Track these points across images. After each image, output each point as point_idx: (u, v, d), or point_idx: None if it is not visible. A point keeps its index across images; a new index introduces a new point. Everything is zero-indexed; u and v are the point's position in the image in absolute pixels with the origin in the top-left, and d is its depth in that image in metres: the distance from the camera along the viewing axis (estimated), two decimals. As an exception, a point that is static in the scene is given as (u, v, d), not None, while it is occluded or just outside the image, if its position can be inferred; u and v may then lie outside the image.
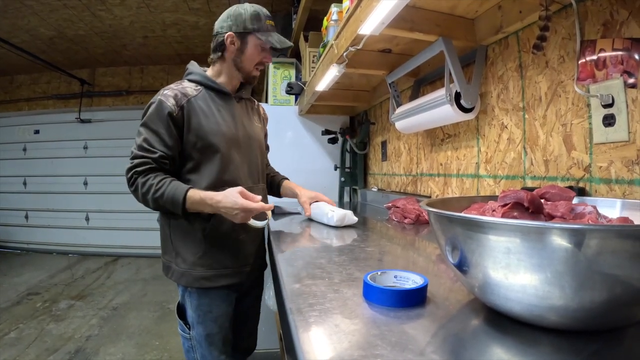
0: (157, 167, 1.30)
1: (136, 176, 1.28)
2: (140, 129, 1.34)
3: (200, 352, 1.40)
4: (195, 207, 1.27)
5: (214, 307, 1.39)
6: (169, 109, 1.31)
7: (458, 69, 1.30)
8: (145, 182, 1.27)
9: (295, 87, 2.57)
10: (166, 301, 3.77)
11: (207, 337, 1.39)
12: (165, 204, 1.26)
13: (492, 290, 0.54)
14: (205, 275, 1.37)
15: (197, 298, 1.38)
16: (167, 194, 1.25)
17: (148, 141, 1.30)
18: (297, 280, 0.80)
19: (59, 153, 5.90)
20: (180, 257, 1.38)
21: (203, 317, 1.38)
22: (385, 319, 0.60)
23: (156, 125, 1.31)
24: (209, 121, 1.37)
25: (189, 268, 1.37)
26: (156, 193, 1.25)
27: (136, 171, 1.28)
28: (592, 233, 0.44)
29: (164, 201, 1.26)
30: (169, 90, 1.36)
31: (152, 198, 1.26)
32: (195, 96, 1.38)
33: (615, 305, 0.47)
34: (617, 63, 0.88)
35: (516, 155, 1.23)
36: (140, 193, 1.28)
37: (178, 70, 5.90)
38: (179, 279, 1.38)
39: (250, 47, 1.42)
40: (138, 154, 1.30)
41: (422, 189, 1.94)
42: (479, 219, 0.51)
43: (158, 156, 1.29)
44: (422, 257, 1.07)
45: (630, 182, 0.86)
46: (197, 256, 1.36)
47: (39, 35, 4.59)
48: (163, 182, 1.27)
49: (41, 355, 2.64)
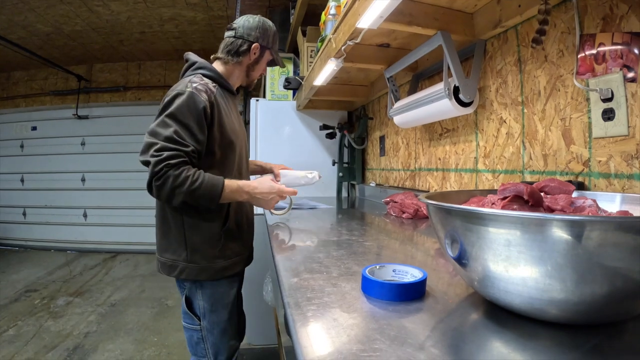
0: (189, 161, 1.27)
1: (167, 169, 1.22)
2: (165, 120, 1.28)
3: (211, 341, 1.43)
4: (230, 196, 1.31)
5: (225, 294, 1.45)
6: (203, 104, 1.30)
7: (457, 63, 1.29)
8: (179, 175, 1.22)
9: (293, 82, 2.56)
10: (164, 297, 3.77)
11: (219, 324, 1.43)
12: (201, 196, 1.25)
13: (492, 284, 0.54)
14: (225, 266, 1.42)
15: (210, 287, 1.42)
16: (204, 185, 1.25)
17: (179, 134, 1.26)
18: (295, 275, 0.79)
19: (56, 150, 5.88)
20: (199, 254, 1.38)
21: (216, 306, 1.43)
22: (384, 313, 0.59)
23: (187, 118, 1.28)
24: (228, 119, 1.42)
25: (209, 263, 1.39)
26: (192, 185, 1.23)
27: (169, 164, 1.22)
28: (593, 225, 0.44)
29: (200, 193, 1.24)
30: (198, 84, 1.34)
31: (188, 191, 1.23)
32: (216, 94, 1.39)
33: (616, 298, 0.47)
34: (617, 57, 0.87)
35: (515, 150, 1.23)
36: (170, 187, 1.22)
37: (176, 66, 5.88)
38: (198, 275, 1.38)
39: (264, 60, 1.56)
40: (168, 145, 1.24)
41: (421, 184, 1.94)
42: (479, 210, 0.51)
43: (190, 150, 1.27)
44: (421, 251, 1.07)
45: (630, 177, 0.86)
46: (217, 249, 1.40)
47: (36, 31, 4.56)
48: (199, 175, 1.25)
49: (39, 352, 2.64)
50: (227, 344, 1.45)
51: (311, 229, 1.44)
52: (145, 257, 5.40)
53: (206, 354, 1.45)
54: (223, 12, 4.02)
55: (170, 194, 1.24)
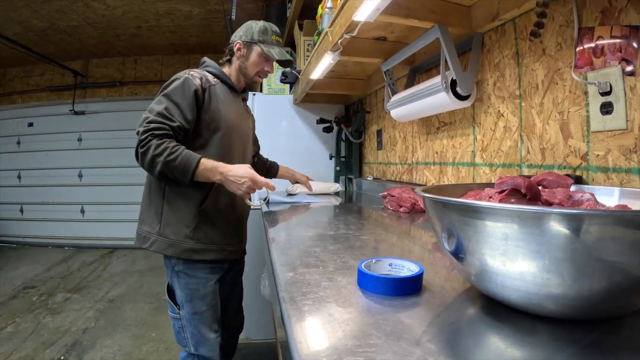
0: (173, 135, 1.35)
1: (151, 138, 1.31)
2: (160, 98, 1.39)
3: (189, 331, 1.46)
4: (205, 174, 1.34)
5: (200, 285, 1.46)
6: (195, 87, 1.40)
7: (454, 56, 1.28)
8: (160, 144, 1.30)
9: (290, 75, 2.55)
10: (162, 292, 3.75)
11: (195, 315, 1.45)
12: (176, 168, 1.30)
13: (489, 278, 0.53)
14: (194, 248, 1.43)
15: (184, 277, 1.45)
16: (180, 158, 1.30)
17: (169, 110, 1.36)
18: (291, 269, 0.79)
19: (53, 146, 5.85)
20: (170, 228, 1.43)
21: (191, 296, 1.45)
22: (380, 307, 0.59)
23: (179, 98, 1.38)
24: (225, 107, 1.50)
25: (178, 239, 1.42)
26: (170, 156, 1.29)
27: (153, 133, 1.31)
28: (592, 219, 0.43)
29: (175, 164, 1.30)
30: (194, 72, 1.47)
31: (165, 160, 1.29)
32: (215, 85, 1.51)
33: (614, 293, 0.46)
34: (615, 51, 0.86)
35: (512, 144, 1.22)
36: (151, 155, 1.29)
37: (172, 61, 5.85)
38: (165, 249, 1.42)
39: (253, 55, 1.59)
40: (156, 119, 1.34)
41: (418, 178, 1.93)
42: (477, 204, 0.50)
43: (176, 126, 1.35)
44: (418, 245, 1.06)
45: (628, 171, 0.86)
46: (189, 229, 1.43)
47: (32, 27, 4.53)
48: (178, 148, 1.32)
49: (38, 348, 2.63)
50: (207, 336, 1.46)
51: (308, 222, 1.43)
52: (143, 252, 5.38)
53: (187, 343, 1.48)
54: (219, 6, 3.99)
55: (150, 162, 1.31)
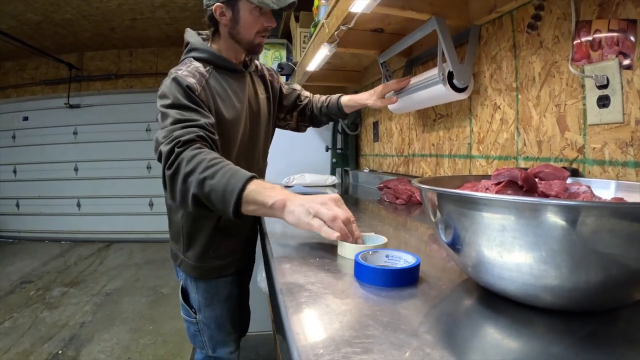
0: (205, 136, 1.00)
1: (179, 150, 0.94)
2: (167, 111, 1.04)
3: (208, 334, 1.39)
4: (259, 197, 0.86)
5: (220, 290, 1.38)
6: (187, 83, 1.08)
7: (451, 48, 1.28)
8: (192, 158, 0.92)
9: (286, 67, 2.54)
10: (159, 285, 3.77)
11: (216, 320, 1.38)
12: (213, 188, 0.88)
13: (486, 269, 0.53)
14: (219, 265, 1.34)
15: (203, 284, 1.35)
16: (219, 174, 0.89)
17: (182, 115, 1.03)
18: (288, 261, 0.79)
19: (48, 139, 5.82)
20: (192, 250, 1.30)
21: (210, 300, 1.36)
22: (377, 298, 0.59)
23: (183, 101, 1.06)
24: (226, 105, 1.21)
25: (204, 263, 1.32)
26: (204, 172, 0.89)
27: (180, 141, 0.94)
28: (589, 210, 0.43)
29: (212, 183, 0.88)
30: (182, 71, 1.14)
31: (198, 178, 0.89)
32: (208, 78, 1.19)
33: (611, 285, 0.47)
34: (613, 44, 0.86)
35: (509, 136, 1.22)
36: (183, 173, 0.91)
37: (168, 53, 5.81)
38: (192, 272, 1.32)
39: (243, 14, 1.19)
40: (173, 127, 0.99)
41: (414, 170, 1.94)
42: (474, 195, 0.50)
43: (203, 122, 1.02)
44: (414, 237, 1.07)
45: (624, 164, 0.86)
46: (211, 249, 1.31)
47: (26, 20, 4.49)
48: (219, 161, 0.92)
49: (36, 343, 2.64)
50: (225, 338, 1.41)
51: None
52: (140, 245, 5.39)
53: (204, 346, 1.41)
54: (215, -2, 3.95)
55: (182, 185, 0.92)
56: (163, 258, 4.74)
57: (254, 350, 2.43)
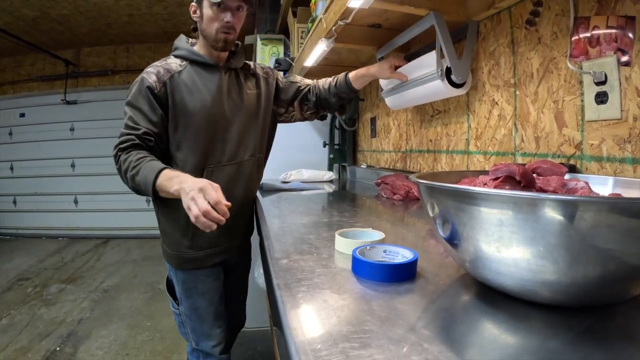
0: (142, 144, 1.24)
1: (120, 153, 1.22)
2: (125, 109, 1.29)
3: (190, 326, 1.43)
4: (164, 185, 1.11)
5: (199, 282, 1.41)
6: (148, 84, 1.27)
7: (449, 44, 1.27)
8: (126, 159, 1.20)
9: (284, 63, 2.53)
10: (157, 282, 3.77)
11: (195, 311, 1.41)
12: (139, 183, 1.16)
13: (483, 265, 0.53)
14: (196, 257, 1.37)
15: (181, 274, 1.40)
16: (142, 169, 1.15)
17: (132, 119, 1.26)
18: (285, 256, 0.79)
19: (45, 136, 5.80)
20: (169, 239, 1.39)
21: (189, 292, 1.41)
22: (374, 294, 0.59)
23: (139, 102, 1.27)
24: (193, 98, 1.32)
25: (178, 251, 1.37)
26: (132, 170, 1.16)
27: (120, 148, 1.22)
28: (587, 206, 0.43)
29: (138, 179, 1.16)
30: (152, 67, 1.33)
31: (129, 176, 1.18)
32: (180, 72, 1.33)
33: (608, 281, 0.47)
34: (611, 41, 0.86)
35: (507, 132, 1.22)
36: (122, 171, 1.21)
37: (165, 49, 5.78)
38: (170, 260, 1.40)
39: (206, 10, 1.31)
40: (124, 132, 1.25)
41: (412, 166, 1.93)
42: (472, 190, 0.50)
43: (142, 132, 1.24)
44: (412, 232, 1.07)
45: (622, 160, 0.86)
46: (186, 238, 1.36)
47: (22, 16, 4.46)
48: (143, 159, 1.18)
49: (34, 340, 2.63)
50: (208, 331, 1.43)
51: (301, 210, 1.42)
52: (137, 242, 5.38)
53: (188, 338, 1.46)
54: (212, -7, 3.93)
55: (124, 180, 1.22)
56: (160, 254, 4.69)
57: (252, 346, 2.43)
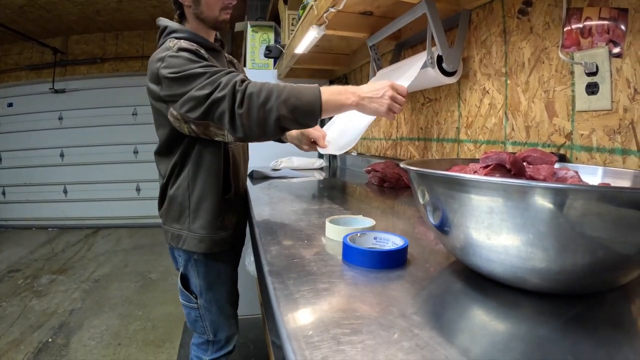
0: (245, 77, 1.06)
1: (242, 88, 1.00)
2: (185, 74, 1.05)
3: (209, 319, 1.39)
4: (334, 100, 1.02)
5: (222, 271, 1.39)
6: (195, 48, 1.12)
7: (441, 32, 1.27)
8: (261, 89, 1.00)
9: (274, 50, 2.51)
10: (148, 271, 3.76)
11: (217, 302, 1.38)
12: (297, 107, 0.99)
13: (473, 252, 0.54)
14: (225, 237, 1.33)
15: (204, 265, 1.34)
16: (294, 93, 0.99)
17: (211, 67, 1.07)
18: (276, 243, 0.79)
19: (34, 125, 5.70)
20: (200, 220, 1.28)
21: (213, 283, 1.36)
22: (365, 280, 0.59)
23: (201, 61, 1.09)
24: None
25: (210, 233, 1.29)
26: (279, 97, 0.98)
27: (235, 82, 1.01)
28: (576, 194, 0.43)
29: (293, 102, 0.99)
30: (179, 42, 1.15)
31: (280, 101, 0.98)
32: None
33: (597, 269, 0.47)
34: (603, 32, 0.87)
35: (497, 121, 1.23)
36: (257, 104, 0.99)
37: (154, 36, 5.64)
38: (197, 246, 1.29)
39: None
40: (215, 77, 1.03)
41: (402, 153, 1.94)
42: (463, 177, 0.50)
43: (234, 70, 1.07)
44: (402, 220, 1.07)
45: (611, 151, 0.87)
46: (218, 219, 1.30)
47: (9, 4, 4.35)
48: (277, 85, 1.01)
49: (26, 332, 2.62)
50: (226, 321, 1.42)
51: (292, 197, 1.42)
52: (127, 231, 5.36)
53: (205, 331, 1.41)
54: (202, -20, 3.87)
55: (262, 118, 1.00)
56: (151, 243, 4.73)
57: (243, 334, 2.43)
